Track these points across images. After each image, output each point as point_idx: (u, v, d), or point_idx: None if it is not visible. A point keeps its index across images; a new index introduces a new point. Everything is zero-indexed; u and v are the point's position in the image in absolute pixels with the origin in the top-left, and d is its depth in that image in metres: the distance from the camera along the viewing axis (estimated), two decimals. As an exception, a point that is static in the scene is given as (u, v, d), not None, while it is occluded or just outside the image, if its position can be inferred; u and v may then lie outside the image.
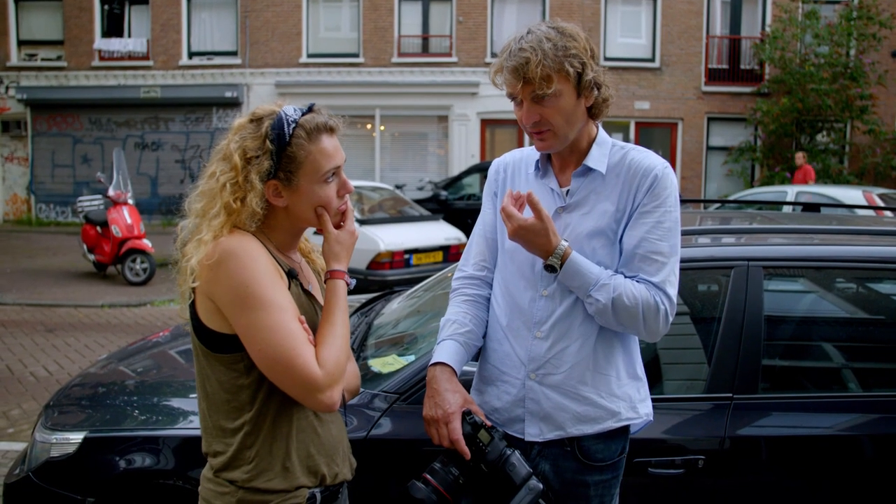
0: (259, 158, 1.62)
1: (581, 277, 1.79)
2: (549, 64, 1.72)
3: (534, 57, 1.72)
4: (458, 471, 1.80)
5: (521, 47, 1.74)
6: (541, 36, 1.74)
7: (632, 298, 1.77)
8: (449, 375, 1.89)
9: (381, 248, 8.41)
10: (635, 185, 1.84)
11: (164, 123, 18.52)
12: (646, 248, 1.82)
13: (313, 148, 1.64)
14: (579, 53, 1.76)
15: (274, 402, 1.64)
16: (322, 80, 17.67)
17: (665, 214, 1.83)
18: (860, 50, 15.68)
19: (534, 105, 1.79)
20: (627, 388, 1.92)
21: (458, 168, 16.80)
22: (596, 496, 1.91)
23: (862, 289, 3.04)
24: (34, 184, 18.83)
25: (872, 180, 15.69)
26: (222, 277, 1.56)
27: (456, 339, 1.95)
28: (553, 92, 1.75)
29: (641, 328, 1.81)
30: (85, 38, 18.31)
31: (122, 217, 10.32)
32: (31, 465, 2.71)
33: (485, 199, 2.10)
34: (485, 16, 17.64)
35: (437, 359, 1.93)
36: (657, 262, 1.82)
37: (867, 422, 2.54)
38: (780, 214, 4.45)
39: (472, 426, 1.81)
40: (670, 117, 17.62)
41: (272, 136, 1.62)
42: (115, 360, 3.50)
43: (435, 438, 1.85)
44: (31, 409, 5.32)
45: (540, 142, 1.86)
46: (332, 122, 1.69)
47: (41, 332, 7.72)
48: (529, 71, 1.72)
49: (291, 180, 1.65)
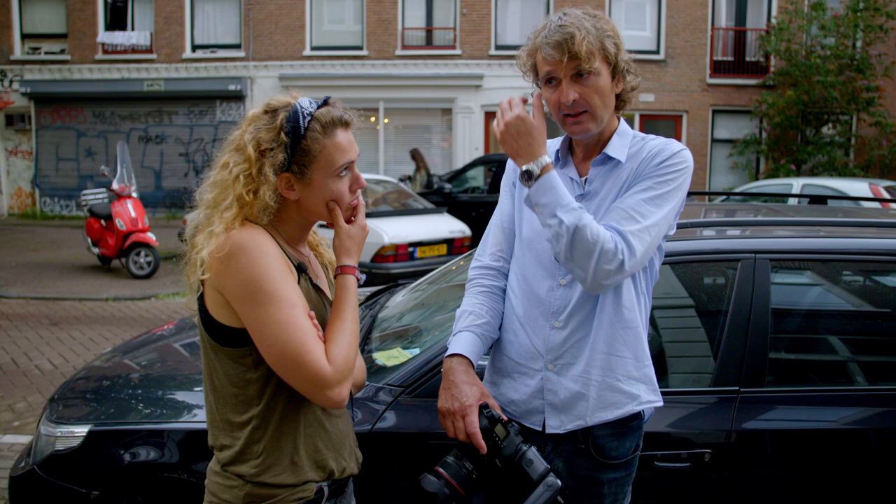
0: (273, 151, 1.60)
1: (554, 193, 1.72)
2: (592, 41, 1.74)
3: (578, 32, 1.72)
4: (472, 465, 1.77)
5: (563, 24, 1.75)
6: (580, 15, 1.77)
7: (594, 234, 1.69)
8: (466, 367, 1.87)
9: (385, 241, 8.44)
10: (647, 162, 1.83)
11: (168, 117, 18.53)
12: (628, 203, 1.77)
13: (328, 142, 1.62)
14: (615, 37, 1.79)
15: (282, 397, 1.63)
16: (326, 73, 17.65)
17: (663, 184, 1.79)
18: (867, 42, 15.56)
19: (573, 83, 1.77)
20: (646, 369, 1.90)
21: (462, 161, 16.78)
22: (609, 494, 1.89)
23: (869, 281, 3.02)
24: (38, 177, 18.87)
25: (879, 173, 15.62)
26: (233, 271, 1.54)
27: (473, 330, 1.93)
28: (595, 69, 1.75)
29: (590, 269, 1.71)
30: (88, 32, 18.31)
31: (127, 210, 10.33)
32: (36, 458, 2.72)
33: (503, 189, 2.07)
34: (489, 8, 17.58)
35: (453, 350, 1.90)
36: (633, 219, 1.75)
37: (874, 415, 2.52)
38: (786, 207, 4.43)
39: (490, 420, 1.78)
40: (675, 110, 17.56)
41: (287, 129, 1.60)
42: (120, 353, 3.50)
43: (450, 431, 1.82)
44: (36, 402, 5.34)
45: (575, 125, 1.82)
46: (347, 116, 1.67)
47: (46, 326, 7.74)
48: (576, 45, 1.72)
49: (304, 174, 1.63)
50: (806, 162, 15.77)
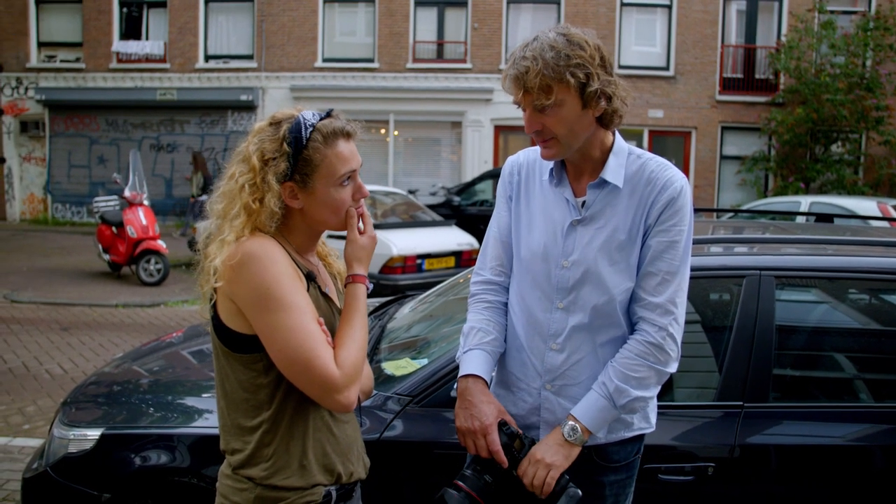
0: (276, 160, 1.65)
1: (604, 414, 1.82)
2: (548, 74, 1.68)
3: (533, 66, 1.68)
4: (492, 478, 1.81)
5: (524, 55, 1.71)
6: (545, 44, 1.70)
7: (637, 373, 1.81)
8: (482, 387, 1.89)
9: (393, 252, 8.47)
10: (652, 199, 1.82)
11: (180, 126, 18.67)
12: (657, 266, 1.82)
13: (329, 152, 1.67)
14: (585, 63, 1.70)
15: (291, 402, 1.67)
16: (337, 85, 17.77)
17: (680, 234, 1.81)
18: (877, 61, 15.58)
19: (535, 114, 1.76)
20: None
21: (471, 174, 16.83)
22: (611, 495, 1.93)
23: (875, 300, 3.04)
24: (51, 184, 19.02)
25: (888, 191, 15.60)
26: (244, 279, 1.59)
27: (483, 348, 1.94)
28: (553, 102, 1.71)
29: (664, 374, 1.85)
30: (103, 41, 18.50)
31: (138, 218, 10.42)
32: (48, 460, 2.75)
33: (499, 200, 2.05)
34: (500, 22, 17.68)
35: (468, 370, 1.91)
36: (665, 282, 1.81)
37: (878, 432, 2.54)
38: (792, 224, 4.45)
39: (509, 436, 1.83)
40: (684, 126, 17.58)
41: (289, 139, 1.65)
42: (130, 359, 3.54)
43: (472, 449, 1.85)
44: (47, 406, 5.39)
45: (544, 150, 1.84)
46: (349, 127, 1.71)
47: (56, 331, 7.80)
48: (528, 81, 1.69)
49: (307, 183, 1.68)
50: (815, 180, 15.76)
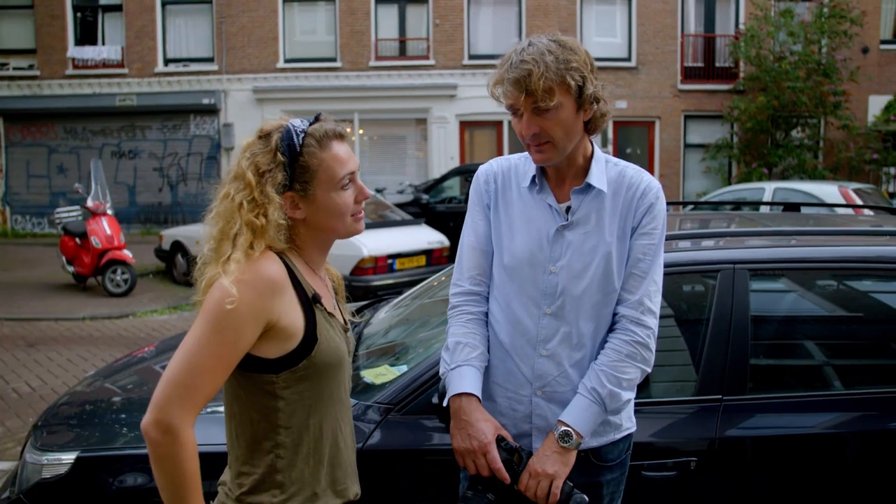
0: (272, 171, 1.59)
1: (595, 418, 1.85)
2: (551, 76, 1.71)
3: (536, 69, 1.71)
4: (494, 496, 1.81)
5: (523, 59, 1.73)
6: (542, 48, 1.73)
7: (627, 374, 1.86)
8: (476, 405, 1.87)
9: (364, 253, 8.39)
10: (635, 205, 1.90)
11: (141, 131, 18.35)
12: (640, 267, 1.90)
13: (325, 155, 1.62)
14: (580, 67, 1.75)
15: (304, 425, 1.62)
16: (300, 86, 17.59)
17: (659, 237, 1.92)
18: (832, 47, 15.90)
19: (534, 117, 1.78)
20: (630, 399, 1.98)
21: (438, 171, 16.80)
22: (608, 494, 1.97)
23: (844, 287, 3.09)
24: (9, 195, 18.56)
25: (847, 174, 15.93)
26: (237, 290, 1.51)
27: (472, 363, 1.93)
28: (555, 105, 1.74)
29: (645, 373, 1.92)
30: (58, 47, 18.08)
31: (102, 228, 10.22)
32: (21, 486, 2.67)
33: (474, 208, 2.03)
34: (461, 18, 17.66)
35: (460, 389, 1.89)
36: (645, 281, 1.90)
37: (850, 419, 2.59)
38: (761, 215, 4.51)
39: (508, 451, 1.82)
40: (647, 116, 17.75)
41: (282, 148, 1.60)
42: (102, 377, 3.46)
43: (472, 469, 1.84)
44: (15, 427, 5.26)
45: (538, 154, 1.84)
46: (340, 128, 1.67)
47: (22, 347, 7.62)
48: (532, 83, 1.71)
49: (307, 190, 1.62)
50: (777, 165, 16.04)
